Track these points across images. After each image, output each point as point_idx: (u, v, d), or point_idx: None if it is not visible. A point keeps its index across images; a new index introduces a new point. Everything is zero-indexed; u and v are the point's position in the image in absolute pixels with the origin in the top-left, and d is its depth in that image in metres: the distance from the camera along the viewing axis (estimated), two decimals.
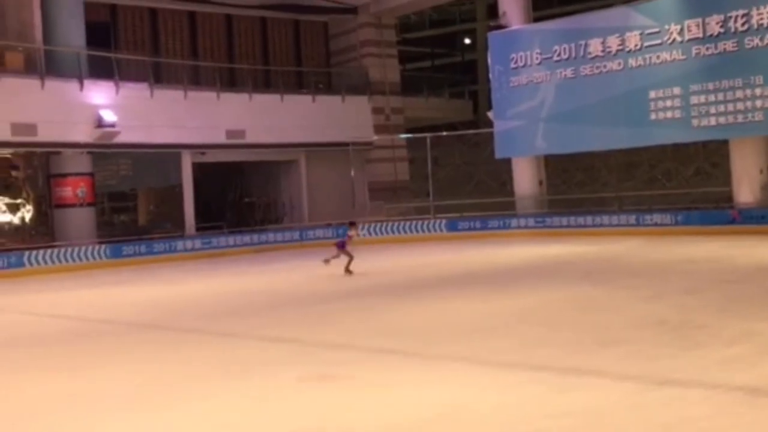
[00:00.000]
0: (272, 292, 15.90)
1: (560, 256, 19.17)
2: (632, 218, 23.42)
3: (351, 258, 17.60)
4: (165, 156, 26.98)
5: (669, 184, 29.09)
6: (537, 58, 24.84)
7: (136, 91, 25.28)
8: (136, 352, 10.10)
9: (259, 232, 27.25)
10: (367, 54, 31.86)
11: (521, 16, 26.13)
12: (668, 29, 21.93)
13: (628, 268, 16.22)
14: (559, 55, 24.30)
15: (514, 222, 25.83)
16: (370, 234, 27.27)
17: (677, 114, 21.92)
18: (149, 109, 25.38)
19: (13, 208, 26.40)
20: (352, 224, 19.08)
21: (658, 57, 22.17)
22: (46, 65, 24.05)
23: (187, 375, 8.48)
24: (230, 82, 29.22)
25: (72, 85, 23.88)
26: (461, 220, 26.82)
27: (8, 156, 25.81)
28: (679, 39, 21.76)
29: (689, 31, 21.52)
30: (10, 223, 26.37)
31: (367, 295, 14.36)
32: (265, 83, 30.32)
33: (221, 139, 27.03)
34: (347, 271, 17.42)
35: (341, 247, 17.93)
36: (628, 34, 22.76)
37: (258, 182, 31.29)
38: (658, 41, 22.14)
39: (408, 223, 27.36)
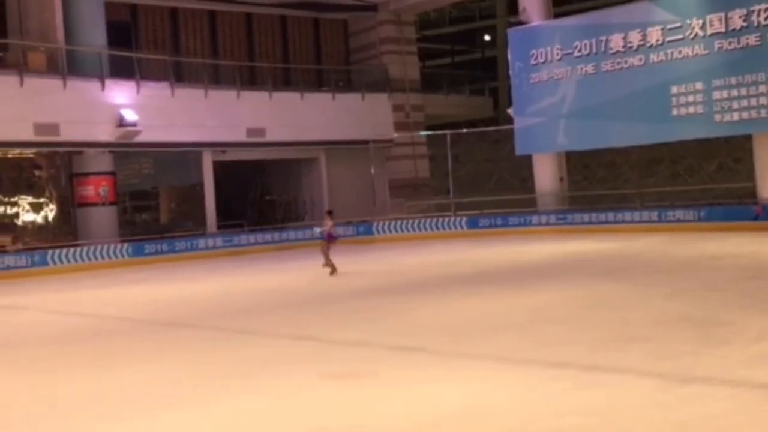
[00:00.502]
0: (292, 290, 15.93)
1: (581, 252, 19.07)
2: (654, 215, 23.26)
3: (326, 255, 17.54)
4: (186, 155, 27.12)
5: (691, 180, 28.85)
6: (557, 54, 24.71)
7: (157, 91, 25.41)
8: (158, 351, 10.15)
9: (280, 230, 27.30)
10: (386, 51, 31.84)
11: (541, 12, 26.01)
12: (690, 24, 21.75)
13: (649, 264, 16.11)
14: (579, 50, 24.17)
15: (534, 219, 25.72)
16: (390, 232, 27.30)
17: (699, 109, 21.74)
18: (170, 108, 25.50)
19: (37, 208, 26.63)
20: (329, 213, 18.97)
21: (679, 52, 22.00)
22: (68, 65, 24.23)
23: (208, 373, 8.51)
24: (250, 80, 29.31)
25: (94, 85, 24.04)
26: (482, 218, 26.73)
27: (31, 156, 26.04)
28: (701, 34, 21.58)
29: (711, 25, 21.34)
30: (33, 223, 26.61)
31: (388, 292, 14.35)
32: (285, 81, 30.37)
33: (242, 137, 27.12)
34: (330, 268, 17.33)
35: (329, 239, 17.78)
36: (649, 29, 22.59)
37: (278, 180, 31.36)
38: (680, 36, 21.96)
39: (428, 220, 27.33)
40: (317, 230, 18.66)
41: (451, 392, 6.97)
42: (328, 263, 17.51)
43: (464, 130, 32.07)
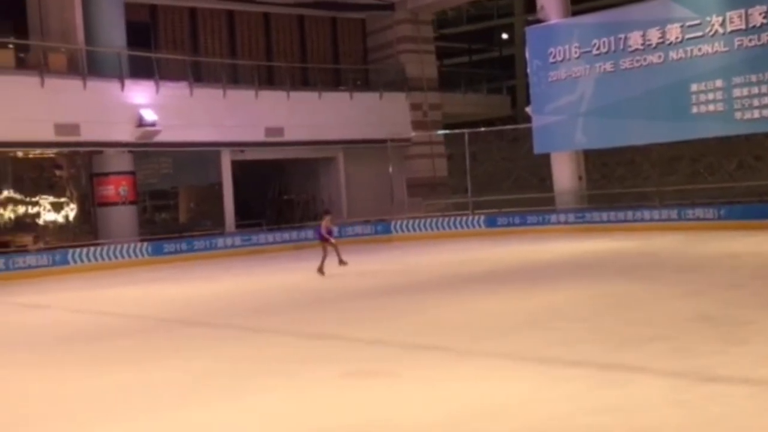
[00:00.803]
0: (311, 289, 15.96)
1: (600, 251, 19.01)
2: (673, 213, 23.14)
3: (323, 256, 17.53)
4: (205, 154, 27.24)
5: (711, 178, 28.67)
6: (576, 52, 24.61)
7: (175, 91, 25.54)
8: (178, 349, 10.21)
9: (298, 229, 27.36)
10: (404, 50, 31.85)
11: (559, 10, 25.93)
12: (710, 21, 21.59)
13: (670, 263, 16.04)
14: (598, 48, 24.06)
15: (553, 217, 25.66)
16: (408, 230, 27.31)
17: (720, 107, 21.59)
18: (189, 108, 25.62)
19: (58, 207, 26.82)
20: (327, 212, 18.98)
21: (699, 49, 21.85)
22: (88, 66, 24.40)
23: (226, 372, 8.55)
24: (268, 80, 29.40)
25: (113, 85, 24.20)
26: (500, 216, 26.70)
27: (52, 156, 26.24)
28: (721, 31, 21.43)
29: (731, 22, 21.17)
30: (54, 222, 26.81)
31: (406, 291, 14.37)
32: (302, 81, 30.45)
33: (260, 137, 27.21)
34: (320, 267, 17.38)
35: (327, 238, 17.78)
36: (668, 26, 22.45)
37: (297, 179, 31.44)
38: (700, 33, 21.81)
39: (446, 219, 27.33)
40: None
41: (469, 391, 6.97)
42: (321, 264, 17.54)
43: (482, 129, 32.03)
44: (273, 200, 31.70)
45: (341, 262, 18.08)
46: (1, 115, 21.69)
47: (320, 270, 17.46)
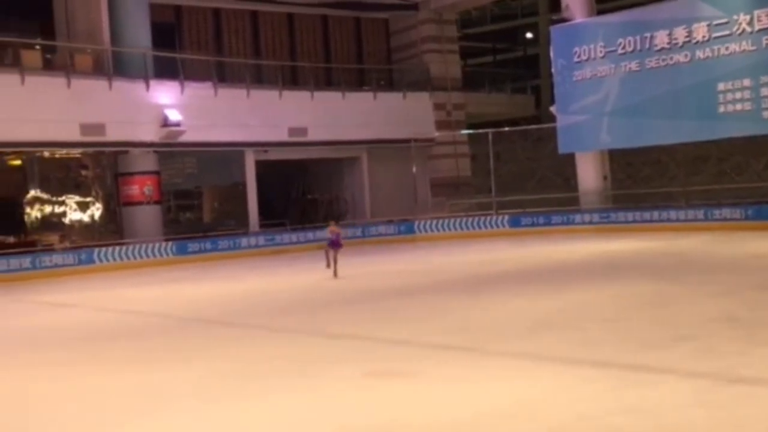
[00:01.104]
0: (334, 288, 15.96)
1: (626, 251, 18.88)
2: (700, 213, 22.94)
3: (333, 261, 17.51)
4: (229, 154, 27.34)
5: (739, 178, 28.33)
6: (601, 52, 24.46)
7: (200, 91, 25.66)
8: (201, 349, 10.24)
9: (322, 228, 27.32)
10: (428, 50, 31.79)
11: (584, 9, 25.78)
12: (737, 20, 21.38)
13: (696, 263, 15.89)
14: (623, 47, 23.89)
15: (578, 218, 25.51)
16: (432, 230, 27.27)
17: (747, 106, 21.36)
18: (213, 108, 25.73)
19: (83, 207, 27.05)
20: (335, 222, 19.20)
21: (726, 48, 21.64)
22: (114, 66, 24.58)
23: (251, 371, 8.56)
24: (292, 80, 29.46)
25: (138, 86, 24.36)
26: (524, 216, 26.58)
27: (78, 156, 26.46)
28: (748, 29, 21.20)
29: (759, 21, 20.95)
30: (80, 221, 27.04)
31: (430, 291, 14.34)
32: (326, 81, 30.49)
33: (283, 137, 27.28)
34: (334, 271, 17.34)
35: (336, 245, 17.76)
36: (695, 25, 22.25)
37: (320, 179, 31.47)
38: (727, 32, 21.60)
39: (470, 219, 27.25)
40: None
41: (494, 391, 6.93)
42: (332, 266, 17.48)
43: (506, 129, 31.90)
44: (296, 200, 31.76)
45: (334, 272, 17.60)
46: (28, 116, 21.92)
47: (335, 273, 17.42)
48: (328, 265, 17.57)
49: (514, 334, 9.52)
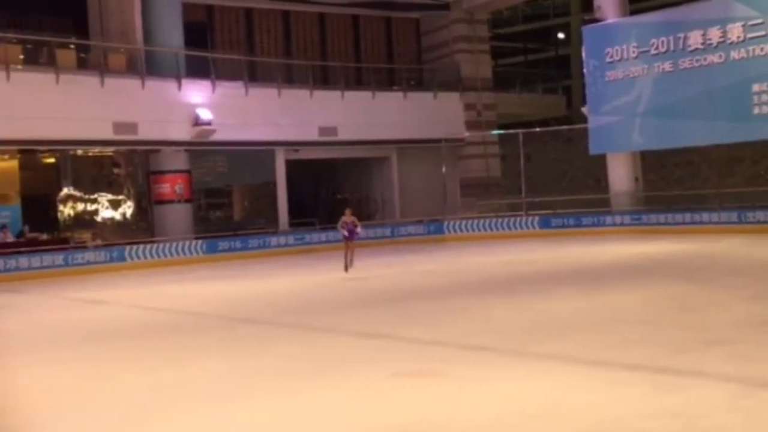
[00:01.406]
0: (362, 288, 15.97)
1: (658, 253, 18.69)
2: (734, 215, 22.67)
3: (351, 253, 17.53)
4: (259, 153, 27.47)
5: None
6: (633, 52, 24.24)
7: (231, 90, 25.81)
8: (230, 347, 10.28)
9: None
10: (459, 50, 31.73)
11: (616, 10, 25.60)
12: None
13: (729, 266, 15.70)
14: (656, 48, 23.66)
15: (608, 219, 25.33)
16: (461, 231, 27.20)
17: None
18: (244, 107, 25.87)
19: (115, 205, 27.31)
20: (349, 210, 19.02)
21: (761, 49, 21.34)
22: (147, 65, 24.79)
23: (281, 370, 8.58)
24: (323, 79, 29.53)
25: (170, 85, 24.55)
26: (554, 217, 26.44)
27: (111, 154, 26.72)
28: None
29: None
30: (112, 219, 27.31)
31: (459, 292, 14.29)
32: (357, 81, 30.52)
33: (314, 136, 27.35)
34: (345, 264, 17.40)
35: (352, 235, 17.67)
36: (729, 25, 21.98)
37: (350, 179, 31.52)
38: (762, 33, 21.31)
39: (500, 220, 27.14)
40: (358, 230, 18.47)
41: (525, 392, 6.89)
42: (349, 265, 17.47)
43: (537, 129, 31.71)
44: (326, 199, 31.82)
45: (345, 266, 17.70)
46: (62, 114, 22.19)
47: (346, 267, 17.38)
48: (347, 268, 17.46)
49: (545, 336, 9.45)
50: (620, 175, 26.32)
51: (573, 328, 9.79)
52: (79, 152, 26.10)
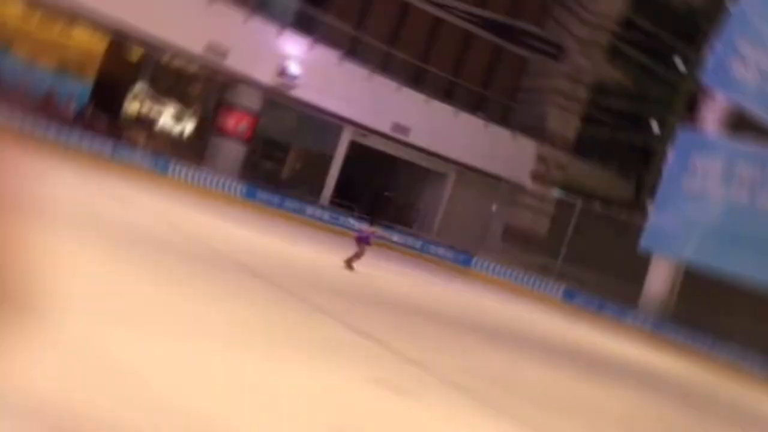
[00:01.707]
0: (379, 286, 15.92)
1: (667, 369, 18.44)
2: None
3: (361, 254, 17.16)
4: (329, 124, 27.52)
5: None
6: (718, 171, 23.84)
7: (327, 56, 25.88)
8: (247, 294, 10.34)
9: (385, 227, 27.33)
10: (552, 102, 31.55)
11: (717, 123, 25.26)
12: None
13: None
14: (741, 177, 23.24)
15: (630, 317, 24.98)
16: (487, 271, 27.05)
17: None
18: (333, 76, 25.90)
19: (179, 118, 27.57)
20: (371, 223, 18.91)
21: None
22: (259, 2, 24.95)
23: (264, 337, 8.60)
24: (415, 79, 29.47)
25: (273, 29, 24.70)
26: (579, 293, 26.17)
27: (193, 71, 26.94)
28: None
29: None
30: (170, 132, 27.57)
31: (459, 323, 14.21)
32: (446, 92, 30.43)
33: (386, 128, 27.35)
34: (349, 265, 16.96)
35: (365, 241, 17.38)
36: None
37: (403, 181, 31.50)
38: None
39: (527, 276, 26.90)
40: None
41: None
42: (355, 262, 17.17)
43: (597, 207, 31.39)
44: (373, 191, 31.80)
45: (351, 262, 17.27)
46: (163, 13, 22.40)
47: (350, 263, 17.24)
48: (350, 265, 17.17)
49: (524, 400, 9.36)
50: (659, 279, 26.04)
51: None
52: (165, 60, 26.33)
